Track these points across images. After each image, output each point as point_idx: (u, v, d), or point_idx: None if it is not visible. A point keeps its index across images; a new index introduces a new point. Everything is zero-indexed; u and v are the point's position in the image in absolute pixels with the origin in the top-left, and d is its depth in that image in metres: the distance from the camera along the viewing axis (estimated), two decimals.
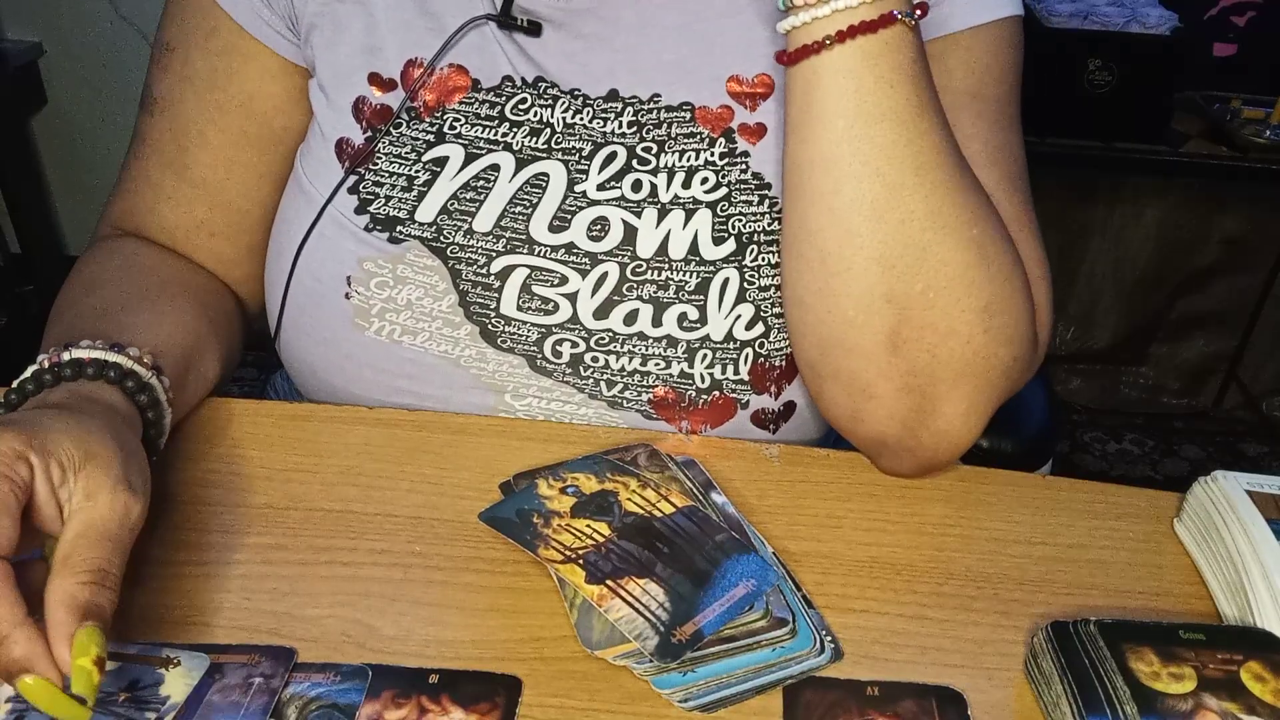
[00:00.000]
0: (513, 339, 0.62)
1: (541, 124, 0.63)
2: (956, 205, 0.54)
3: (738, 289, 0.61)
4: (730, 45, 0.63)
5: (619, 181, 0.62)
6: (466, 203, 0.62)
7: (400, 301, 0.62)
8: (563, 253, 0.62)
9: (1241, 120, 1.79)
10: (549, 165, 0.63)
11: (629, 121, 0.63)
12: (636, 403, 0.62)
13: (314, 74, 0.66)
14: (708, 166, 0.62)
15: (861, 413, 0.57)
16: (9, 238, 2.08)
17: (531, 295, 0.62)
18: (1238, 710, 0.42)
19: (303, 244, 0.64)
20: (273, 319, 0.68)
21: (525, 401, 0.63)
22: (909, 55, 0.53)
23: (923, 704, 0.45)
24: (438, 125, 0.63)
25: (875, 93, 0.52)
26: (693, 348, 0.61)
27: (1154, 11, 1.71)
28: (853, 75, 0.52)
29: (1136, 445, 2.09)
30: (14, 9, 2.00)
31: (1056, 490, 0.60)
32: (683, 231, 0.62)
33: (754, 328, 0.61)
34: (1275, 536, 0.50)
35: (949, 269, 0.53)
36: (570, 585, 0.49)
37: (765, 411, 0.63)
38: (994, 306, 0.54)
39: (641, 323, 0.61)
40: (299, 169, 0.66)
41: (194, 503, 0.56)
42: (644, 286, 0.61)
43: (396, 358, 0.63)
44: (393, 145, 0.63)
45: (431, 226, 0.62)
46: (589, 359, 0.62)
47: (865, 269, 0.53)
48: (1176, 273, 2.06)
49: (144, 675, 0.45)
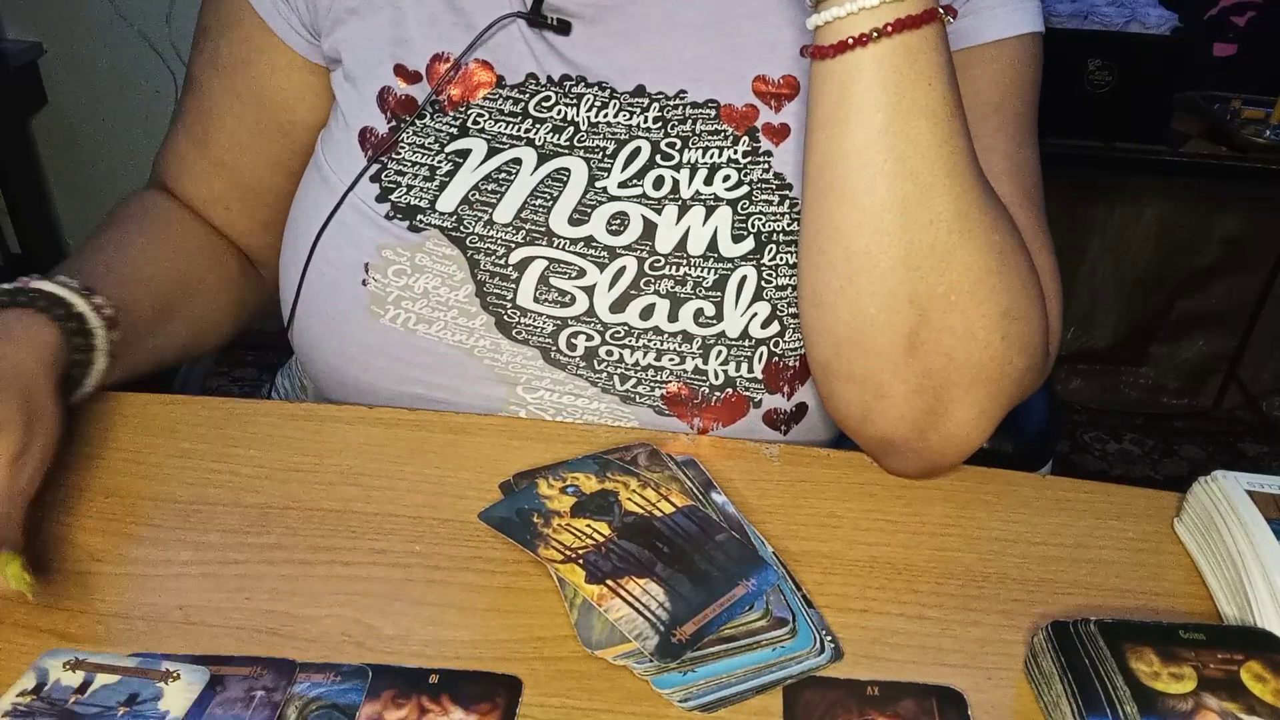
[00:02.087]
0: (528, 330, 0.62)
1: (565, 122, 0.63)
2: (982, 209, 0.54)
3: (755, 287, 0.61)
4: (756, 46, 0.64)
5: (641, 179, 0.63)
6: (488, 194, 0.63)
7: (417, 290, 0.62)
8: (581, 245, 0.62)
9: (1241, 120, 1.79)
10: (570, 161, 0.63)
11: (654, 117, 0.63)
12: (649, 398, 0.62)
13: (340, 67, 0.67)
14: (730, 164, 0.63)
15: (873, 413, 0.57)
16: (9, 238, 2.08)
17: (549, 287, 0.62)
18: (1238, 710, 0.42)
19: (322, 230, 0.64)
20: (287, 305, 0.68)
21: (537, 394, 0.63)
22: (945, 54, 0.53)
23: (923, 704, 0.45)
24: (461, 119, 0.64)
25: (915, 88, 0.51)
26: (708, 344, 0.61)
27: (1154, 11, 1.71)
28: (895, 70, 0.51)
29: (1136, 445, 2.09)
30: (14, 9, 2.00)
31: (1056, 490, 0.60)
32: (702, 228, 0.62)
33: (769, 326, 0.62)
34: (1275, 536, 0.50)
35: (971, 273, 0.53)
36: (570, 585, 0.49)
37: (778, 412, 0.63)
38: (1012, 313, 0.54)
39: (658, 317, 0.61)
40: (320, 156, 0.67)
41: (194, 502, 0.56)
42: (661, 281, 0.62)
43: (410, 346, 0.63)
44: (416, 135, 0.64)
45: (452, 216, 0.62)
46: (603, 352, 0.62)
47: (891, 269, 0.53)
48: (1176, 273, 2.06)
49: (143, 689, 0.45)
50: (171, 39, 1.99)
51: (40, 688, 0.45)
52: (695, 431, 0.63)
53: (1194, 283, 2.07)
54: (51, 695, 0.44)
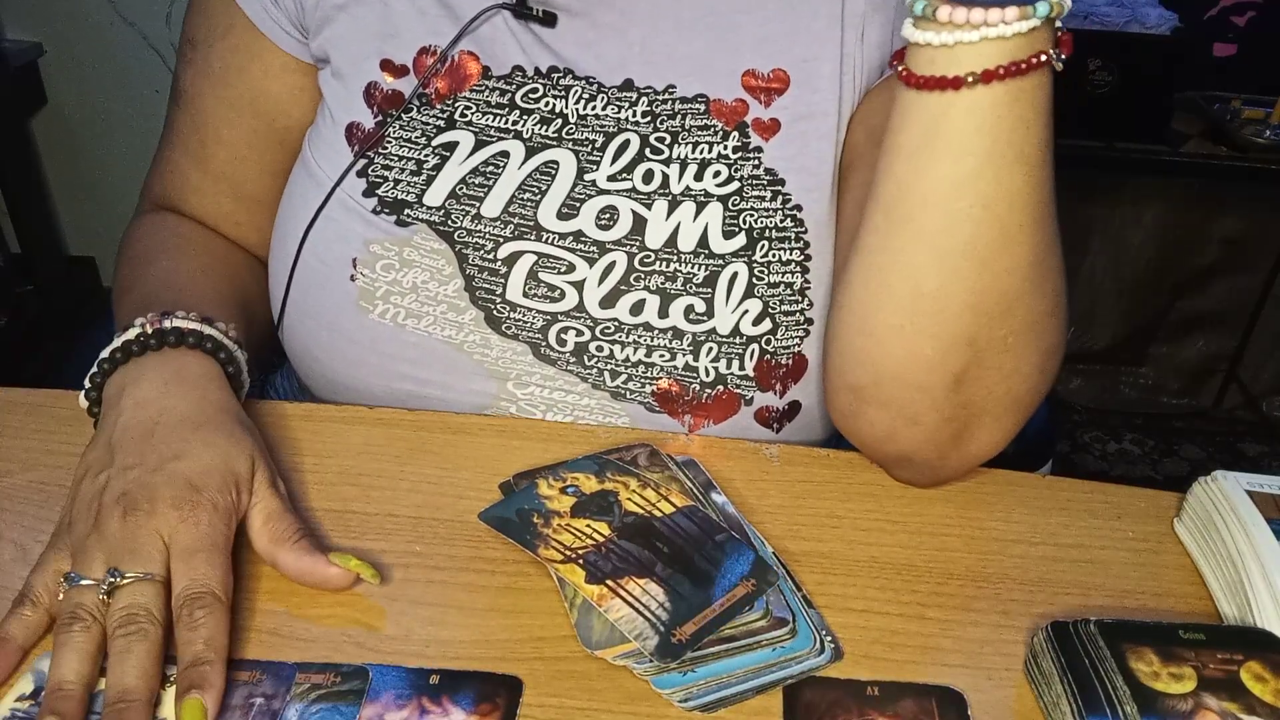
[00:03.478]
0: (517, 325, 0.62)
1: (553, 114, 0.63)
2: (1053, 255, 0.52)
3: (746, 284, 0.61)
4: (746, 39, 0.63)
5: (630, 173, 0.63)
6: (475, 188, 0.62)
7: (406, 285, 0.62)
8: (570, 240, 0.62)
9: (1241, 120, 1.79)
10: (559, 153, 0.63)
11: (643, 111, 0.63)
12: (640, 394, 0.62)
13: (328, 63, 0.67)
14: (720, 160, 0.62)
15: (898, 436, 0.56)
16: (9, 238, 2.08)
17: (538, 282, 0.62)
18: (1238, 710, 0.42)
19: (310, 226, 0.64)
20: (276, 303, 0.68)
21: (528, 390, 0.63)
22: (1047, 94, 0.48)
23: (923, 704, 0.45)
24: (448, 112, 0.64)
25: (1013, 134, 0.47)
26: (698, 341, 0.61)
27: (1154, 11, 1.71)
28: (993, 114, 0.46)
29: (1136, 445, 2.09)
30: (14, 9, 2.00)
31: (1056, 490, 0.60)
32: (693, 224, 0.62)
33: (761, 323, 0.61)
34: (1275, 536, 0.50)
35: (1032, 316, 0.52)
36: (570, 585, 0.49)
37: (769, 410, 0.63)
38: (1053, 349, 0.54)
39: (648, 313, 0.61)
40: (307, 153, 0.67)
41: None
42: (652, 277, 0.61)
43: (400, 341, 0.63)
44: (403, 130, 0.64)
45: (439, 210, 0.62)
46: (593, 348, 0.62)
47: (959, 314, 0.50)
48: (1176, 273, 2.06)
49: None
50: (171, 39, 1.99)
51: (38, 692, 0.44)
52: (686, 429, 0.63)
53: (1194, 283, 2.07)
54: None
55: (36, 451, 0.59)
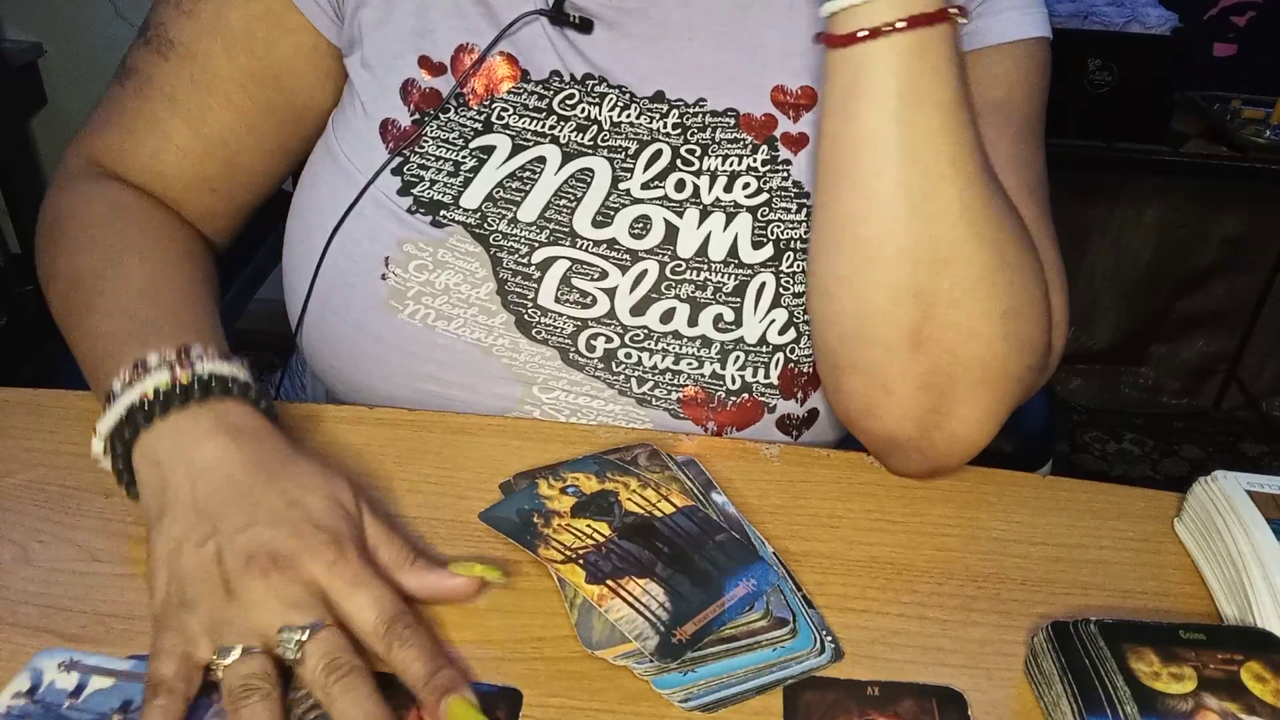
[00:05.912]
0: (548, 330, 0.62)
1: (589, 120, 0.64)
2: (988, 205, 0.54)
3: (773, 294, 0.62)
4: (775, 55, 0.64)
5: (663, 181, 0.63)
6: (512, 192, 0.62)
7: (438, 286, 0.62)
8: (604, 248, 0.62)
9: (1241, 120, 1.79)
10: (594, 161, 0.63)
11: (674, 123, 0.64)
12: (665, 401, 0.62)
13: (358, 51, 0.65)
14: (750, 172, 0.63)
15: (877, 408, 0.57)
16: (9, 238, 2.08)
17: (570, 288, 0.62)
18: (1238, 710, 0.42)
19: (340, 223, 0.63)
20: (298, 299, 0.66)
21: (553, 395, 0.63)
22: (954, 48, 0.53)
23: (923, 704, 0.45)
24: (486, 114, 0.64)
25: (924, 78, 0.52)
26: (726, 349, 0.62)
27: (1154, 11, 1.71)
28: (905, 60, 0.52)
29: (1136, 445, 2.09)
30: (14, 9, 2.00)
31: (1056, 490, 0.60)
32: (723, 234, 0.62)
33: (786, 333, 0.62)
34: (1275, 536, 0.50)
35: (974, 269, 0.53)
36: (570, 585, 0.49)
37: (790, 417, 0.64)
38: (1013, 312, 0.54)
39: (677, 321, 0.62)
40: (335, 146, 0.66)
41: None
42: (682, 286, 0.62)
43: (427, 343, 0.62)
44: (440, 129, 0.63)
45: (476, 213, 0.62)
46: (622, 355, 0.62)
47: (897, 260, 0.53)
48: (1176, 273, 2.06)
49: (137, 695, 0.44)
50: None
51: (34, 689, 0.44)
52: (709, 435, 0.63)
53: (1194, 283, 2.07)
54: (45, 698, 0.44)
55: (37, 451, 0.59)
